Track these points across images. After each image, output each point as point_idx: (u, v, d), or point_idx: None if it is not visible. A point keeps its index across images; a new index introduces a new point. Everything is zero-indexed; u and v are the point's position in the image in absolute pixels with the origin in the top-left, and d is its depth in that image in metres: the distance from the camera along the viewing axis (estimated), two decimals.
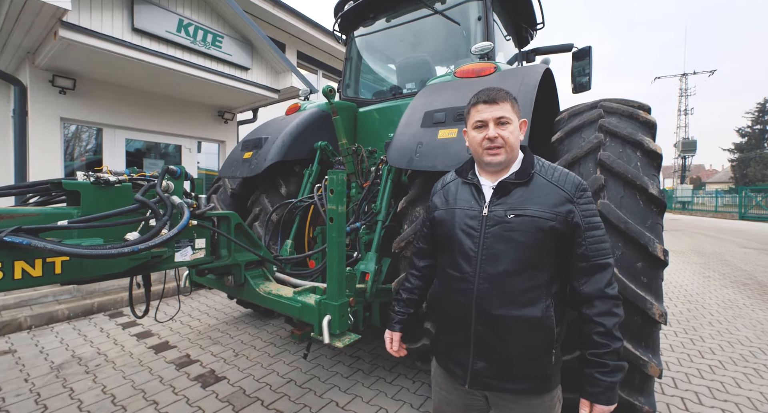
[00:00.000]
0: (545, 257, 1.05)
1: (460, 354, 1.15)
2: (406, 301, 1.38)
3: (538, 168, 1.13)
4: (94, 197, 1.22)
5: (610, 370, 1.01)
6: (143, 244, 1.05)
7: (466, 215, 1.14)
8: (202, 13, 5.05)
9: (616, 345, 1.02)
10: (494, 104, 1.10)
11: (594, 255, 1.05)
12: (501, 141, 1.09)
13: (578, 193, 1.07)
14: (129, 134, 5.72)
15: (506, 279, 1.06)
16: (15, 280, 1.00)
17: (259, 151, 2.85)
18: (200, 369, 2.84)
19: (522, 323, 1.05)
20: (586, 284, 1.05)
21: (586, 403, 1.04)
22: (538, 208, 1.05)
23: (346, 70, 3.85)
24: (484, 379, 1.11)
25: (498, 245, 1.07)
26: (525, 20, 3.69)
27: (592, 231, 1.06)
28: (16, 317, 3.52)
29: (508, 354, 1.07)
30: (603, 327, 1.02)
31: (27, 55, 4.46)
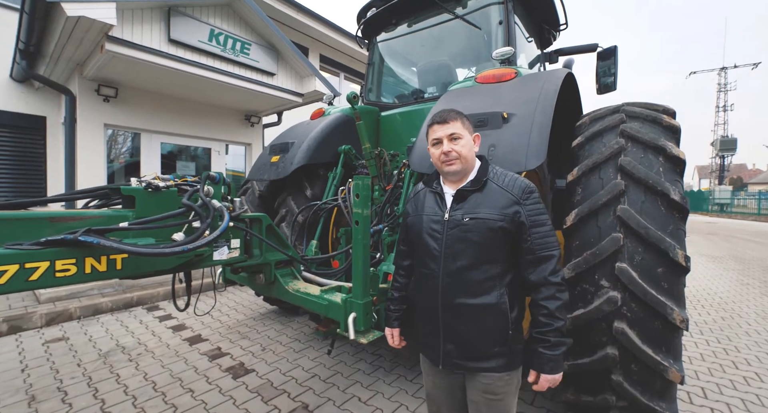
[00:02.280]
0: (497, 253, 1.20)
1: (433, 340, 1.31)
2: (399, 299, 1.52)
3: (491, 175, 1.28)
4: (147, 201, 1.37)
5: (552, 345, 1.16)
6: (191, 244, 1.18)
7: (431, 220, 1.30)
8: (232, 22, 5.29)
9: (558, 324, 1.16)
10: (445, 123, 1.27)
11: (538, 248, 1.18)
12: (455, 154, 1.25)
13: (524, 195, 1.21)
14: (164, 138, 6.07)
15: (464, 273, 1.21)
16: (85, 274, 1.15)
17: (286, 155, 2.99)
18: (231, 361, 3.00)
19: (479, 309, 1.20)
20: (533, 273, 1.19)
21: (533, 373, 1.21)
22: (489, 211, 1.20)
23: (369, 75, 3.94)
24: (453, 360, 1.27)
25: (457, 244, 1.22)
26: (547, 21, 3.66)
27: (537, 227, 1.19)
28: (67, 308, 3.83)
29: (471, 337, 1.23)
30: (546, 309, 1.16)
31: (76, 66, 4.83)
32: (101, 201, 1.53)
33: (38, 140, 5.91)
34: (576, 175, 1.78)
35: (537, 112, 1.74)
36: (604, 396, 1.64)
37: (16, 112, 5.63)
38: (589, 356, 1.61)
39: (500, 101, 1.94)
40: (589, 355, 1.60)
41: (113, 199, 1.50)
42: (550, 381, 1.19)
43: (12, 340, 3.30)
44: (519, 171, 1.62)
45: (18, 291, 1.13)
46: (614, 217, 1.57)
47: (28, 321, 3.56)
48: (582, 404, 1.74)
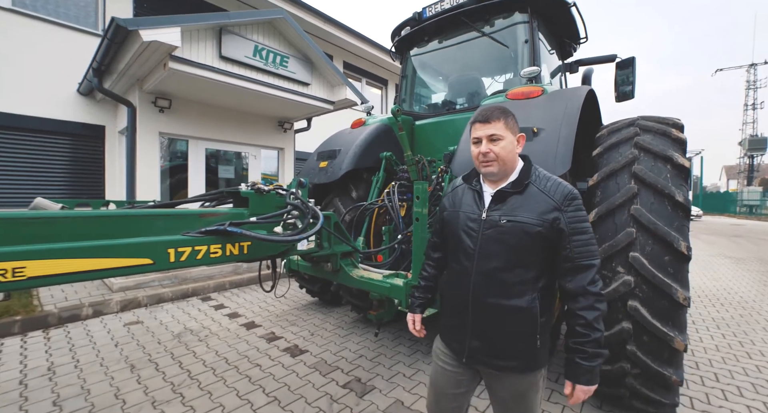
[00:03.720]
0: (532, 257, 1.19)
1: (459, 333, 1.32)
2: (424, 288, 1.57)
3: (533, 178, 1.26)
4: (256, 201, 1.79)
5: (589, 356, 1.14)
6: (303, 235, 1.58)
7: (468, 218, 1.30)
8: (272, 38, 5.78)
9: (596, 335, 1.14)
10: (487, 123, 1.25)
11: (578, 257, 1.17)
12: (492, 155, 1.23)
13: (566, 202, 1.19)
14: (208, 144, 6.61)
15: (497, 274, 1.21)
16: (226, 256, 1.56)
17: (334, 161, 3.40)
18: (286, 343, 3.43)
19: (509, 311, 1.20)
20: (571, 282, 1.18)
21: (569, 384, 1.19)
22: (527, 215, 1.18)
23: (403, 86, 4.31)
24: (478, 356, 1.28)
25: (492, 246, 1.22)
26: (568, 36, 3.94)
27: (578, 235, 1.17)
28: (136, 296, 4.36)
29: (498, 336, 1.23)
30: (584, 319, 1.14)
31: (136, 81, 5.40)
32: (216, 201, 1.96)
33: (98, 147, 6.55)
34: (596, 180, 2.11)
35: (562, 127, 2.09)
36: (621, 365, 1.96)
37: (79, 122, 6.28)
38: (608, 330, 1.93)
39: (530, 117, 2.29)
40: (608, 329, 1.93)
41: (226, 200, 1.93)
42: (586, 392, 1.16)
43: (98, 322, 3.83)
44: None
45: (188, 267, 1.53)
46: (628, 215, 1.90)
47: (106, 307, 4.10)
48: (602, 373, 2.07)
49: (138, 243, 1.27)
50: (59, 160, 6.16)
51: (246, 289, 5.32)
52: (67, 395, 2.44)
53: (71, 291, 4.46)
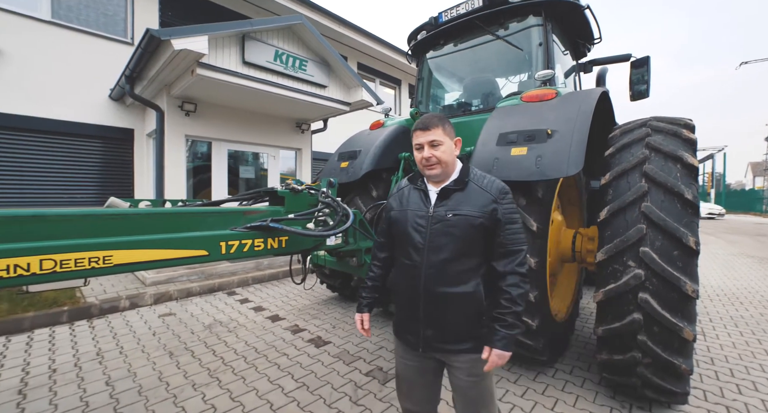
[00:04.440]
0: (475, 246, 1.33)
1: (413, 325, 1.40)
2: (371, 288, 1.61)
3: (472, 176, 1.40)
4: (291, 200, 1.97)
5: (508, 325, 1.28)
6: (336, 230, 1.75)
7: (416, 215, 1.40)
8: (291, 42, 5.99)
9: (517, 308, 1.29)
10: (427, 131, 1.36)
11: (510, 243, 1.32)
12: (435, 159, 1.36)
13: (501, 195, 1.34)
14: (230, 146, 6.88)
15: (446, 265, 1.32)
16: (267, 250, 1.74)
17: (355, 161, 3.56)
18: (309, 335, 3.62)
19: (458, 297, 1.32)
20: (502, 264, 1.33)
21: (486, 349, 1.32)
22: (471, 209, 1.32)
23: (419, 89, 4.43)
24: (433, 344, 1.37)
25: (440, 238, 1.33)
26: (582, 37, 3.99)
27: (510, 224, 1.33)
28: (168, 290, 4.63)
29: (449, 322, 1.34)
30: (509, 294, 1.29)
31: (164, 87, 5.69)
32: (252, 200, 2.15)
33: (127, 149, 6.90)
34: (608, 179, 2.22)
35: (575, 129, 2.19)
36: (632, 354, 2.06)
37: (110, 126, 6.63)
38: (619, 321, 2.04)
39: (544, 119, 2.40)
40: (620, 320, 2.04)
41: (262, 199, 2.11)
42: (500, 356, 1.28)
43: (134, 313, 4.10)
44: (562, 176, 2.08)
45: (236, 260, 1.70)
46: (639, 213, 2.00)
47: (141, 300, 4.38)
48: (613, 362, 2.18)
49: (196, 237, 1.45)
50: (92, 162, 6.52)
51: (267, 285, 5.55)
52: (117, 377, 2.68)
53: (108, 284, 4.77)
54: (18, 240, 1.09)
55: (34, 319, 3.54)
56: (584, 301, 4.58)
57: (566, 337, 3.19)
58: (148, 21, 6.90)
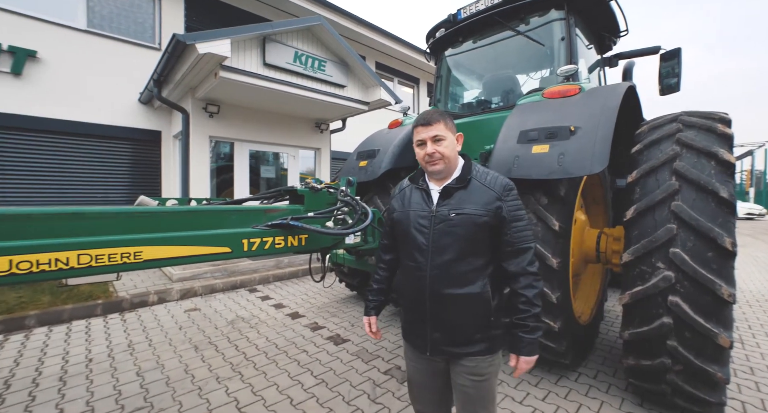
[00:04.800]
0: (480, 246, 1.29)
1: (420, 328, 1.38)
2: (377, 291, 1.60)
3: (474, 173, 1.35)
4: (311, 198, 1.99)
5: (530, 330, 1.26)
6: (356, 228, 1.76)
7: (419, 215, 1.36)
8: (311, 43, 6.06)
9: (535, 310, 1.27)
10: (429, 126, 1.32)
11: (517, 241, 1.28)
12: (438, 155, 1.31)
13: (505, 192, 1.30)
14: (251, 146, 7.05)
15: (451, 266, 1.28)
16: (287, 247, 1.77)
17: (373, 160, 3.57)
18: (329, 332, 3.66)
19: (465, 298, 1.28)
20: (512, 264, 1.29)
21: (513, 356, 1.31)
22: (474, 207, 1.27)
23: (437, 87, 4.39)
24: (440, 347, 1.34)
25: (444, 238, 1.29)
26: (608, 30, 3.85)
27: (516, 222, 1.29)
28: (193, 286, 4.79)
29: (457, 324, 1.31)
30: (525, 297, 1.27)
31: (189, 90, 5.89)
32: (273, 198, 2.19)
33: (155, 150, 7.18)
34: (635, 177, 2.13)
35: (600, 125, 2.12)
36: (661, 360, 1.98)
37: (139, 128, 6.91)
38: (647, 325, 1.96)
39: (567, 116, 2.33)
40: (647, 324, 1.96)
41: (283, 197, 2.15)
42: (528, 362, 1.28)
43: (162, 308, 4.27)
44: (586, 174, 2.02)
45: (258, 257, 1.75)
46: (669, 212, 1.91)
47: (168, 295, 4.55)
48: (641, 367, 2.09)
49: (220, 234, 1.50)
50: (123, 162, 6.82)
51: (288, 283, 5.65)
52: (146, 368, 2.80)
53: (138, 280, 4.98)
54: (58, 235, 1.16)
55: (72, 311, 3.75)
56: (610, 304, 4.43)
57: (590, 340, 3.10)
58: (174, 26, 7.15)
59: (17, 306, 3.67)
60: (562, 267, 2.25)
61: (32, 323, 3.52)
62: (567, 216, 2.28)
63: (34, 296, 3.95)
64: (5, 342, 3.21)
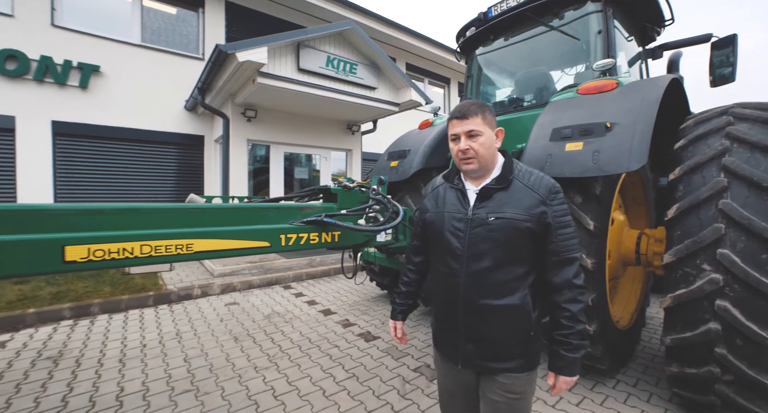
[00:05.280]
0: (521, 253, 1.18)
1: (452, 338, 1.28)
2: (405, 294, 1.52)
3: (516, 172, 1.23)
4: (344, 197, 2.08)
5: (573, 348, 1.16)
6: (388, 225, 1.82)
7: (453, 218, 1.25)
8: (342, 47, 6.22)
9: (580, 327, 1.16)
10: (464, 119, 1.20)
11: (563, 250, 1.17)
12: (472, 152, 1.20)
13: (551, 196, 1.18)
14: (286, 148, 7.34)
15: (488, 274, 1.18)
16: (321, 243, 1.86)
17: (404, 160, 3.62)
18: (359, 329, 3.75)
19: (503, 310, 1.18)
20: (556, 275, 1.18)
21: (551, 375, 1.21)
22: (515, 211, 1.16)
23: (468, 86, 4.36)
24: (473, 360, 1.24)
25: (481, 244, 1.19)
26: (650, 19, 3.64)
27: (562, 229, 1.18)
28: (232, 282, 5.07)
29: (493, 337, 1.21)
30: (569, 312, 1.16)
31: (229, 96, 6.24)
32: (307, 197, 2.30)
33: (198, 153, 7.65)
34: (677, 175, 2.02)
35: (639, 120, 2.03)
36: (709, 369, 1.86)
37: (184, 133, 7.40)
38: (691, 330, 1.86)
39: (603, 112, 2.25)
40: (692, 330, 1.85)
41: (317, 196, 2.26)
42: (567, 383, 1.19)
43: (205, 301, 4.56)
44: (622, 172, 1.95)
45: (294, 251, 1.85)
46: (716, 210, 1.80)
47: (210, 289, 4.84)
48: (686, 376, 1.98)
49: (260, 230, 1.61)
50: (170, 164, 7.34)
51: (320, 281, 5.82)
52: (192, 355, 3.01)
53: (183, 275, 5.34)
54: (124, 228, 1.31)
55: (128, 301, 4.10)
56: (653, 311, 4.19)
57: (630, 347, 2.96)
58: (216, 37, 7.59)
59: (84, 294, 4.07)
60: (597, 268, 2.18)
61: (96, 310, 3.90)
62: (603, 216, 2.21)
63: (97, 287, 4.36)
64: (75, 326, 3.59)
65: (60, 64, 5.94)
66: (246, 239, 1.56)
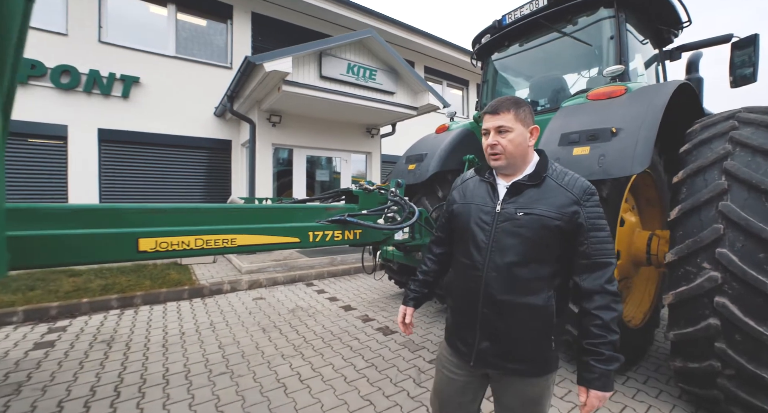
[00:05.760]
0: (548, 252, 1.15)
1: (467, 333, 1.24)
2: (422, 282, 1.52)
3: (550, 172, 1.21)
4: (364, 198, 2.29)
5: (605, 359, 1.07)
6: (403, 224, 2.02)
7: (481, 210, 1.24)
8: (362, 54, 6.47)
9: (613, 337, 1.08)
10: (496, 115, 1.20)
11: (596, 253, 1.12)
12: (500, 148, 1.19)
13: (585, 197, 1.15)
14: (309, 151, 7.65)
15: (512, 269, 1.15)
16: (344, 240, 2.08)
17: (421, 164, 3.80)
18: (378, 324, 3.95)
19: (524, 309, 1.14)
20: (587, 280, 1.13)
21: (582, 389, 1.11)
22: (546, 208, 1.13)
23: (484, 91, 4.49)
24: (487, 358, 1.20)
25: (507, 239, 1.16)
26: (665, 22, 3.67)
27: (595, 232, 1.13)
28: (258, 278, 5.39)
29: (510, 336, 1.16)
30: (600, 320, 1.09)
31: (255, 103, 6.60)
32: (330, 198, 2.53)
33: (226, 157, 8.09)
34: (681, 177, 2.11)
35: (643, 126, 2.14)
36: (710, 363, 1.95)
37: (213, 138, 7.85)
38: (692, 326, 1.95)
39: (610, 117, 2.36)
40: (693, 325, 1.95)
41: (340, 197, 2.48)
42: (600, 398, 1.08)
43: (234, 296, 4.88)
44: (625, 175, 2.06)
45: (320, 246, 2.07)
46: (716, 212, 1.89)
47: (238, 285, 5.17)
48: (689, 370, 2.07)
49: (292, 227, 1.84)
50: (200, 167, 7.80)
51: (341, 279, 6.06)
52: (225, 343, 3.30)
53: (214, 271, 5.71)
54: (180, 225, 1.56)
55: (166, 294, 4.48)
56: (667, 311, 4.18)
57: (642, 346, 3.02)
58: (243, 46, 8.02)
59: (127, 287, 4.48)
60: None
61: (138, 301, 4.28)
62: (610, 217, 2.32)
63: (138, 280, 4.77)
64: (122, 315, 3.97)
65: (105, 77, 6.48)
66: (279, 235, 1.79)
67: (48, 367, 2.79)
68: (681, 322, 2.02)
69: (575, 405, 2.40)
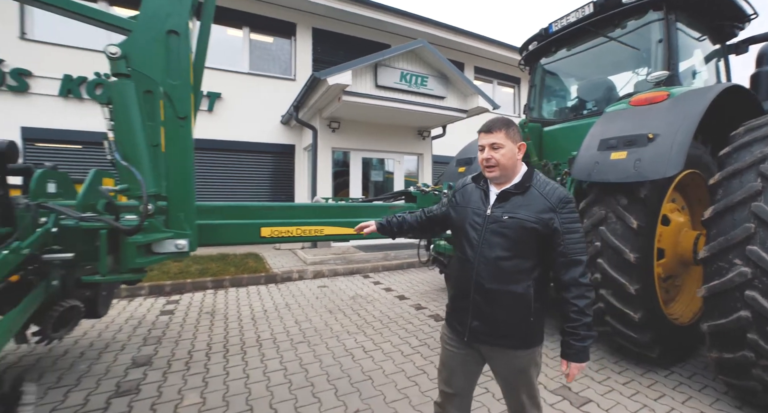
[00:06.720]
0: (527, 249, 1.37)
1: (462, 316, 1.47)
2: (399, 221, 1.81)
3: (534, 182, 1.41)
4: (421, 198, 2.72)
5: (581, 338, 1.33)
6: None
7: (474, 213, 1.46)
8: (414, 63, 6.88)
9: (586, 319, 1.33)
10: (490, 133, 1.41)
11: (571, 252, 1.34)
12: (494, 161, 1.39)
13: (561, 204, 1.36)
14: (364, 154, 8.25)
15: (497, 263, 1.37)
16: None
17: (471, 167, 4.11)
18: (429, 312, 4.35)
19: (507, 295, 1.37)
20: (565, 274, 1.35)
21: (564, 362, 1.39)
22: (527, 213, 1.35)
23: (531, 95, 4.67)
24: (478, 335, 1.43)
25: (494, 237, 1.38)
26: (726, 17, 3.59)
27: (570, 234, 1.35)
28: (321, 269, 6.06)
29: (496, 317, 1.39)
30: (576, 306, 1.33)
31: (317, 111, 7.32)
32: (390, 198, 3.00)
33: (289, 161, 8.99)
34: (717, 179, 2.23)
35: (679, 131, 2.30)
36: (743, 353, 2.08)
37: (279, 143, 8.77)
38: (725, 318, 2.10)
39: (648, 123, 2.53)
40: (725, 317, 2.09)
41: (399, 198, 2.94)
42: (578, 368, 1.36)
43: (301, 283, 5.58)
44: (660, 177, 2.25)
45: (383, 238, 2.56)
46: (748, 212, 2.02)
47: (305, 274, 5.88)
48: (725, 361, 2.21)
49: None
50: (268, 169, 8.77)
51: (394, 272, 6.55)
52: (300, 320, 3.94)
53: (284, 261, 6.51)
54: (283, 218, 2.12)
55: (247, 279, 5.30)
56: None
57: (690, 344, 3.07)
58: (305, 59, 8.84)
59: (218, 272, 5.38)
60: (641, 262, 2.47)
61: (227, 284, 5.14)
62: (647, 216, 2.50)
63: (225, 267, 5.67)
64: (216, 294, 4.83)
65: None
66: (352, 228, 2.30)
67: (174, 328, 3.61)
68: (714, 314, 2.18)
69: None
